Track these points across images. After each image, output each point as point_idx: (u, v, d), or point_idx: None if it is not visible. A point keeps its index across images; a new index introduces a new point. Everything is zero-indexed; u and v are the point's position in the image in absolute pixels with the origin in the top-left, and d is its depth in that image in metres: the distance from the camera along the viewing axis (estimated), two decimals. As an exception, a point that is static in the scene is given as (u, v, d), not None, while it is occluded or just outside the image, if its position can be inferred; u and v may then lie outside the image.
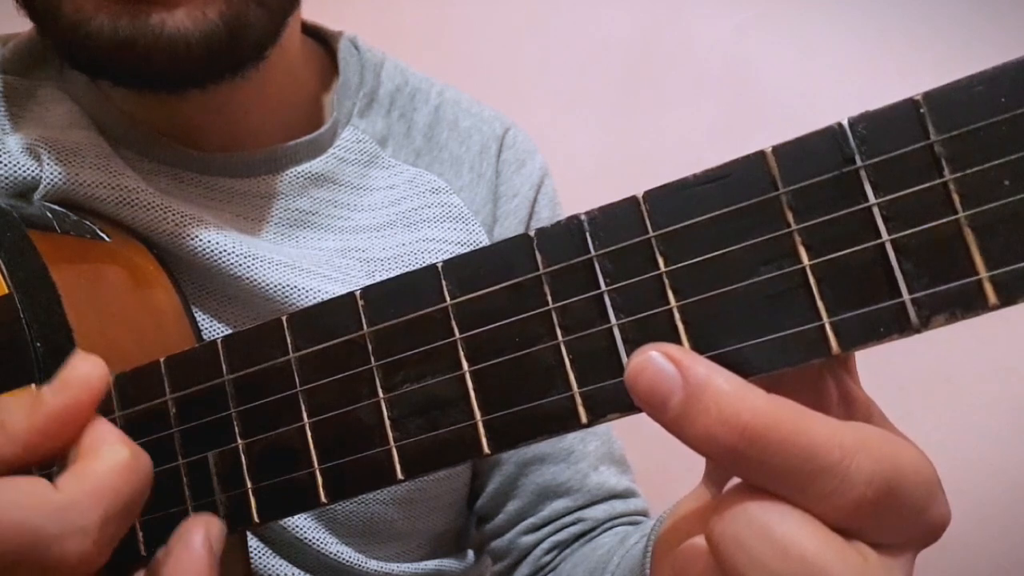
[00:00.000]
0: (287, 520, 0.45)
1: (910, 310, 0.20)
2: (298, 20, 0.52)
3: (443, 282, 0.25)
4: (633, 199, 0.23)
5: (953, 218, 0.20)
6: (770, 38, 1.13)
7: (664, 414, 0.20)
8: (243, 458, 0.28)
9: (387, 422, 0.26)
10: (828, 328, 0.21)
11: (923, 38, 1.08)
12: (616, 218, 0.23)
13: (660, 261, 0.22)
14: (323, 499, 0.27)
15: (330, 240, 0.49)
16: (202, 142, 0.48)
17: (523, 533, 0.54)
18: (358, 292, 0.26)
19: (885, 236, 0.20)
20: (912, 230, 0.20)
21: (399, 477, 0.25)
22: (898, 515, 0.20)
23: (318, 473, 0.27)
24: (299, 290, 0.44)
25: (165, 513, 0.29)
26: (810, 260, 0.21)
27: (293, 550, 0.46)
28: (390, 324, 0.26)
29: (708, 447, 0.20)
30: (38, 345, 0.33)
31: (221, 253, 0.43)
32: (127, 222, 0.43)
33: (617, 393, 0.23)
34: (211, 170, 0.48)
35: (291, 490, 0.27)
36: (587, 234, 0.23)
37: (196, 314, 0.45)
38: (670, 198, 0.22)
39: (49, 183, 0.42)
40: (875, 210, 0.20)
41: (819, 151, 0.21)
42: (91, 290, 0.37)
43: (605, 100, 1.18)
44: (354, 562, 0.47)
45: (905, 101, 0.20)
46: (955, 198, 0.20)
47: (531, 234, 0.24)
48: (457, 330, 0.25)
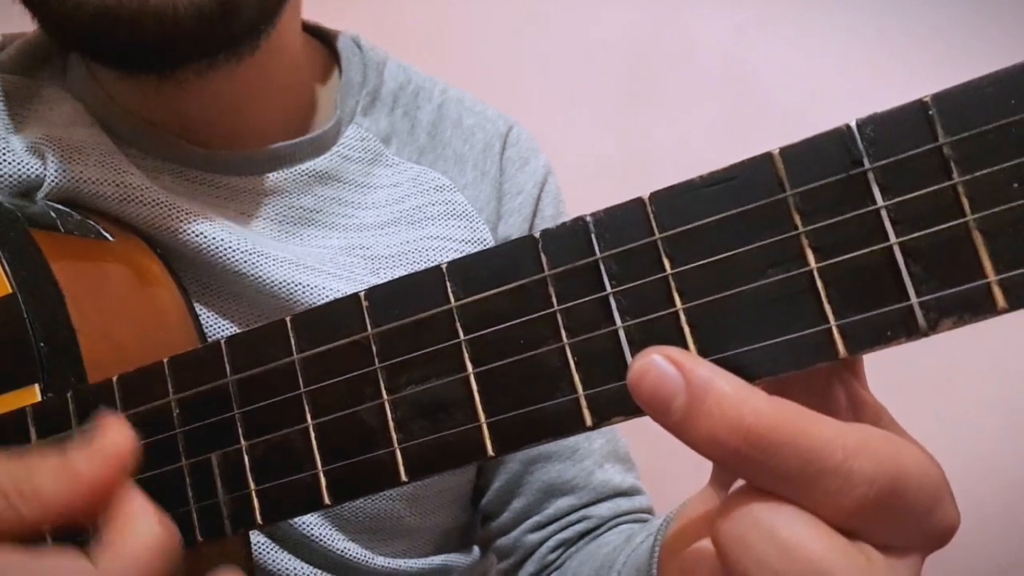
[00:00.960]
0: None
1: (918, 313, 0.20)
2: (298, 17, 0.51)
3: (447, 283, 0.25)
4: (639, 200, 0.23)
5: (962, 221, 0.20)
6: (770, 38, 1.13)
7: (667, 417, 0.20)
8: (246, 459, 0.28)
9: (391, 424, 0.25)
10: (835, 331, 0.21)
11: (923, 38, 1.08)
12: (622, 219, 0.23)
13: (666, 263, 0.22)
14: (326, 501, 0.26)
15: (334, 238, 0.49)
16: (206, 140, 0.48)
17: (528, 531, 0.54)
18: (362, 293, 0.26)
19: (893, 239, 0.20)
20: (920, 233, 0.20)
21: (403, 479, 0.25)
22: (902, 516, 0.20)
23: (321, 475, 0.26)
24: (304, 287, 0.44)
25: (168, 514, 0.29)
26: (817, 263, 0.21)
27: (300, 547, 0.46)
28: (394, 325, 0.25)
29: (712, 450, 0.20)
30: (41, 345, 0.33)
31: (226, 250, 0.43)
32: (131, 219, 0.43)
33: (622, 396, 0.22)
34: (215, 167, 0.48)
35: (294, 492, 0.27)
36: (593, 236, 0.23)
37: (200, 312, 0.44)
38: (676, 199, 0.22)
39: (53, 181, 0.42)
40: (883, 213, 0.20)
41: (827, 153, 0.21)
42: (94, 289, 0.37)
43: (605, 100, 1.18)
44: (361, 559, 0.47)
45: (914, 103, 0.20)
46: (964, 201, 0.20)
47: (536, 235, 0.24)
48: (462, 332, 0.25)
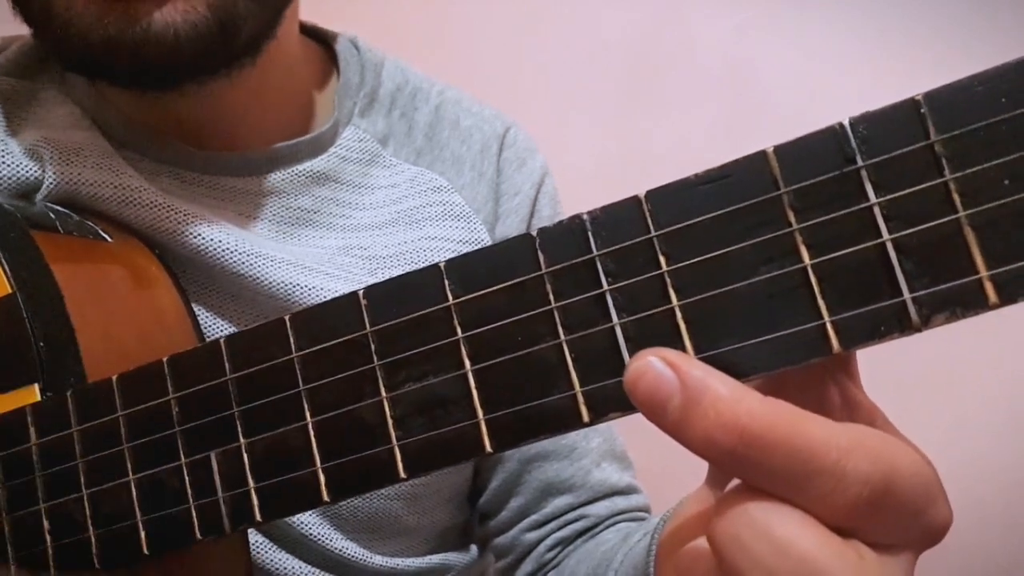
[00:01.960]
0: (292, 516, 0.45)
1: (911, 309, 0.20)
2: (296, 19, 0.52)
3: (446, 281, 0.25)
4: (635, 199, 0.23)
5: (953, 217, 0.20)
6: (770, 38, 1.13)
7: (663, 418, 0.21)
8: (246, 457, 0.28)
9: (390, 421, 0.26)
10: (829, 327, 0.21)
11: (923, 38, 1.08)
12: (618, 218, 0.23)
13: (662, 260, 0.22)
14: (325, 498, 0.27)
15: (332, 238, 0.49)
16: (203, 141, 0.48)
17: (526, 530, 0.54)
18: (361, 292, 0.26)
19: (886, 235, 0.20)
20: (913, 229, 0.20)
21: (401, 476, 0.25)
22: (895, 515, 0.21)
23: (320, 472, 0.27)
24: (302, 288, 0.44)
25: (167, 512, 0.29)
26: (811, 259, 0.21)
27: (298, 546, 0.46)
28: (393, 323, 0.26)
29: (707, 450, 0.20)
30: (41, 344, 0.33)
31: (224, 251, 0.43)
32: (129, 221, 0.43)
33: (619, 392, 0.23)
34: (213, 169, 0.48)
35: (294, 489, 0.27)
36: (589, 234, 0.23)
37: (199, 312, 0.45)
38: (672, 198, 0.22)
39: (51, 183, 0.42)
40: (876, 209, 0.20)
41: (820, 151, 0.21)
42: (93, 290, 0.37)
43: (605, 100, 1.18)
44: (359, 557, 0.47)
45: (906, 101, 0.20)
46: (955, 197, 0.20)
47: (533, 234, 0.24)
48: (460, 329, 0.25)
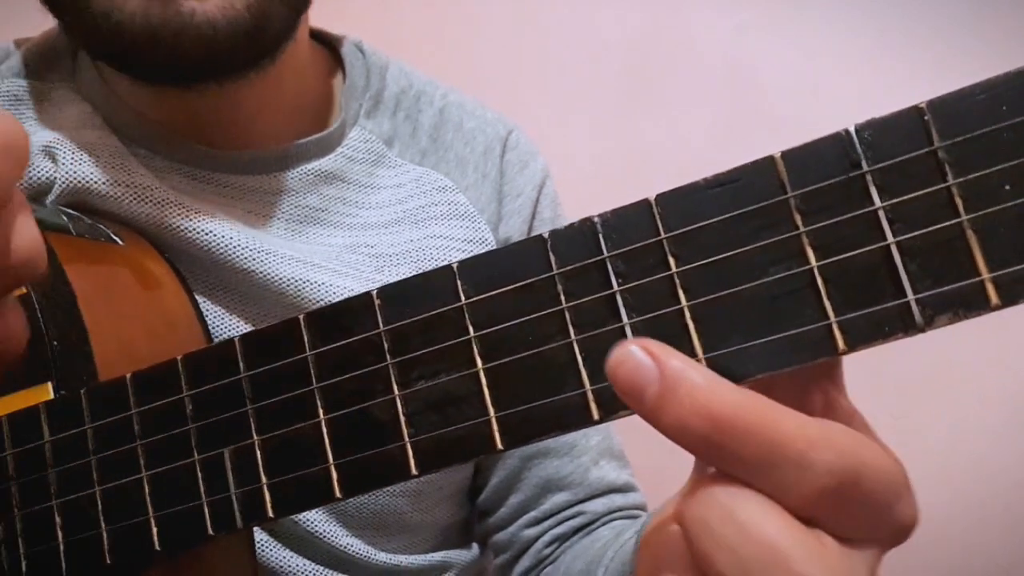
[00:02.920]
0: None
1: (915, 310, 0.21)
2: (307, 21, 0.52)
3: (458, 282, 0.25)
4: (645, 202, 0.23)
5: (956, 221, 0.20)
6: (770, 38, 1.14)
7: (642, 404, 0.21)
8: (259, 454, 0.28)
9: (402, 418, 0.26)
10: (835, 327, 0.21)
11: (923, 38, 1.08)
12: (628, 220, 0.23)
13: (672, 262, 0.23)
14: (338, 494, 0.27)
15: (339, 236, 0.50)
16: (215, 139, 0.48)
17: (525, 526, 0.55)
18: (374, 292, 0.27)
19: (890, 238, 0.21)
20: (917, 232, 0.21)
21: (413, 472, 0.26)
22: (860, 508, 0.21)
23: (333, 468, 0.27)
24: (311, 284, 0.45)
25: (179, 508, 0.29)
26: (818, 261, 0.21)
27: (303, 543, 0.47)
28: (406, 323, 0.26)
29: (681, 436, 0.21)
30: (55, 344, 0.34)
31: (233, 248, 0.44)
32: (140, 219, 0.43)
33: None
34: (223, 167, 0.48)
35: (306, 485, 0.27)
36: (600, 236, 0.24)
37: (208, 309, 0.45)
38: (681, 201, 0.23)
39: (64, 182, 0.42)
40: (881, 213, 0.21)
41: (826, 156, 0.22)
42: (105, 291, 0.38)
43: (605, 100, 1.19)
44: (363, 554, 0.48)
45: (910, 109, 0.21)
46: (958, 202, 0.20)
47: (545, 236, 0.24)
48: (472, 329, 0.25)
